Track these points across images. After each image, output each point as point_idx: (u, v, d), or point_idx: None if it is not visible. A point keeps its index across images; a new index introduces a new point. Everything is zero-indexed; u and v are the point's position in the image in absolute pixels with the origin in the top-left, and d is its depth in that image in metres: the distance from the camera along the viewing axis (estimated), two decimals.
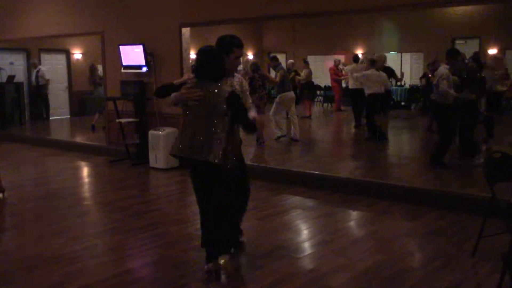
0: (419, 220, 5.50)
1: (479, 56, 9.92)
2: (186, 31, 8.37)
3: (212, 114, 3.79)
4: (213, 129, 3.77)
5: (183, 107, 3.93)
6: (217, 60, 3.88)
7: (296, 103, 14.22)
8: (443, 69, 7.44)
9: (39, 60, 15.01)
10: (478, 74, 8.26)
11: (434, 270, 4.16)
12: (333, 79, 15.91)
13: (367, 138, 10.50)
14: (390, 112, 12.00)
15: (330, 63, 16.23)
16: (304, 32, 19.03)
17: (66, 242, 4.91)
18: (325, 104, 17.83)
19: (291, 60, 15.93)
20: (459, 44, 15.73)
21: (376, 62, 10.56)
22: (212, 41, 4.27)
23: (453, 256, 4.46)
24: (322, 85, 17.80)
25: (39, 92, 14.74)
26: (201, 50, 3.93)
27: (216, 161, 3.73)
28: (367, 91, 10.37)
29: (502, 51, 15.03)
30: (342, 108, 16.27)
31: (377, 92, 10.17)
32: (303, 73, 14.96)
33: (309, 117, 14.10)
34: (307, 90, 14.68)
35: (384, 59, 11.55)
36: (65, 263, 4.35)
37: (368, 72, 10.40)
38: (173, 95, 3.93)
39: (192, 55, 9.76)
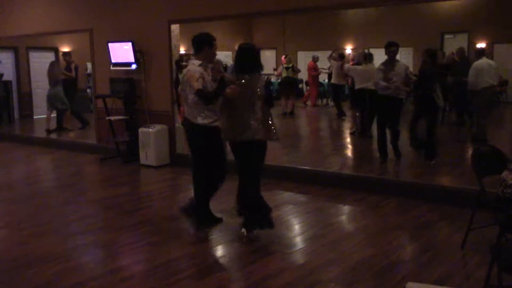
0: (409, 214, 5.54)
1: (436, 53, 8.89)
2: (175, 28, 8.34)
3: (254, 100, 4.59)
4: (257, 112, 4.58)
5: (224, 100, 4.65)
6: (257, 56, 4.83)
7: (279, 99, 14.31)
8: (380, 64, 7.58)
9: (27, 58, 14.84)
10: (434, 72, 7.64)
11: (424, 262, 4.21)
12: (311, 76, 15.88)
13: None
14: None
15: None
16: (294, 28, 19.02)
17: (58, 241, 4.91)
18: (320, 100, 17.66)
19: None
20: (448, 39, 15.82)
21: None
22: None
23: (443, 248, 4.52)
24: None
25: None
26: (242, 48, 4.74)
27: (264, 137, 4.62)
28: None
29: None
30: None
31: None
32: (277, 71, 14.70)
33: (287, 113, 13.87)
34: (284, 88, 14.20)
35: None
36: (58, 261, 4.35)
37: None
38: (221, 98, 4.65)
39: (182, 51, 9.74)
